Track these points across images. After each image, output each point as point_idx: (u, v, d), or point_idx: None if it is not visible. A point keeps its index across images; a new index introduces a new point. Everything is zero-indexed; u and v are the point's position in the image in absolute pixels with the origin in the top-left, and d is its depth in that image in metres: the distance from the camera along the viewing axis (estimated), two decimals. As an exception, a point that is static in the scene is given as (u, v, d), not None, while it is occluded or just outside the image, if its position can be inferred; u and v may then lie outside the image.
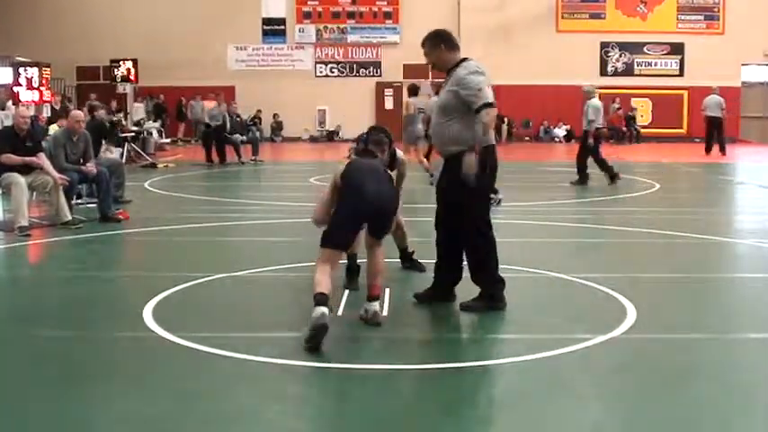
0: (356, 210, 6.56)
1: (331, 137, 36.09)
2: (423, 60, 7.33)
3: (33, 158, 11.65)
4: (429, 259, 8.75)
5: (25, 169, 11.61)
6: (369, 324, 6.59)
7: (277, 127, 36.54)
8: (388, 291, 7.56)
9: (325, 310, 5.99)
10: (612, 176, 17.76)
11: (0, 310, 7.49)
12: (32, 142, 11.91)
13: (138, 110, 31.58)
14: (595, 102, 17.83)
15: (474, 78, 6.81)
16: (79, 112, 13.84)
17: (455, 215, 7.00)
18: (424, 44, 7.16)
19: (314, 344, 5.87)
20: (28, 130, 11.94)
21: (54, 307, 7.46)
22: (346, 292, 7.59)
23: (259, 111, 35.74)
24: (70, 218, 11.67)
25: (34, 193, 12.17)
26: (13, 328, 6.69)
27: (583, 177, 17.92)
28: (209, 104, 31.92)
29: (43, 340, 6.32)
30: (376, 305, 6.69)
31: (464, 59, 6.99)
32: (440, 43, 7.08)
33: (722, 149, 27.26)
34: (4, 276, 9.15)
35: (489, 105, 6.73)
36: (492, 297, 7.08)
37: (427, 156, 17.91)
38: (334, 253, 6.49)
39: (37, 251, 10.54)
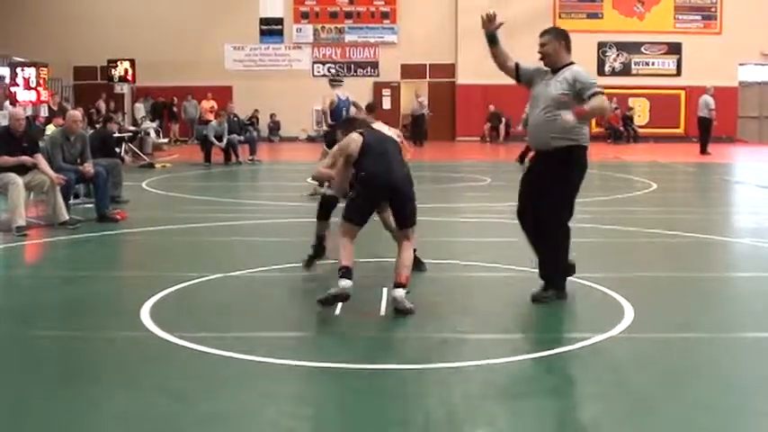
0: (377, 190, 7.08)
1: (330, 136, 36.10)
2: (420, 60, 7.51)
3: (27, 158, 11.60)
4: (428, 259, 8.77)
5: (22, 169, 11.59)
6: (398, 311, 6.87)
7: (274, 127, 36.53)
8: (385, 290, 7.56)
9: (350, 282, 6.80)
10: None
11: (1, 308, 7.50)
12: (29, 143, 11.89)
13: (138, 110, 31.57)
14: None
15: (589, 75, 7.26)
16: (76, 112, 13.82)
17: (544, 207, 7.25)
18: (545, 33, 7.47)
19: (328, 304, 6.82)
20: (24, 130, 11.92)
21: (51, 307, 7.45)
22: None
23: (256, 111, 35.73)
24: (67, 218, 11.66)
25: (31, 193, 12.16)
26: (11, 328, 6.68)
27: None
28: (206, 105, 31.97)
29: (41, 340, 6.31)
30: (399, 291, 6.95)
31: (572, 63, 7.32)
32: (562, 39, 7.39)
33: (703, 150, 27.41)
34: (1, 276, 9.14)
35: (603, 94, 7.08)
36: (560, 289, 7.35)
37: None
38: (354, 228, 7.05)
39: (34, 251, 10.53)
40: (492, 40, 7.70)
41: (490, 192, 16.83)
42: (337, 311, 6.98)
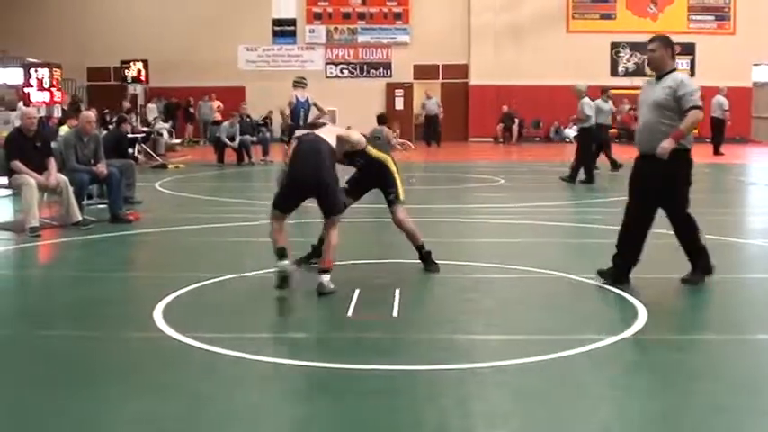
0: (295, 183, 7.88)
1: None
2: (433, 61, 7.70)
3: (41, 178, 11.57)
4: (441, 260, 8.77)
5: (36, 170, 11.62)
6: (319, 294, 7.50)
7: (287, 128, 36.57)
8: (398, 291, 7.57)
9: (286, 261, 7.51)
10: (572, 177, 18.19)
11: (11, 310, 7.52)
12: (42, 143, 11.94)
13: (150, 110, 31.63)
14: (588, 100, 18.14)
15: (692, 83, 7.76)
16: (90, 113, 13.88)
17: (650, 205, 7.87)
18: (653, 40, 7.94)
19: (282, 287, 7.47)
20: (37, 130, 11.97)
21: (64, 307, 7.47)
22: (356, 292, 7.58)
23: (270, 112, 35.75)
24: (81, 218, 11.71)
25: (45, 194, 12.21)
26: (24, 328, 6.71)
27: (589, 177, 18.05)
28: (212, 105, 31.99)
29: (53, 340, 6.33)
30: (323, 277, 7.59)
31: (675, 70, 7.85)
32: (669, 47, 7.87)
33: (716, 151, 27.34)
34: (15, 276, 9.18)
35: (699, 108, 7.64)
36: (705, 268, 8.00)
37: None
38: (279, 215, 7.86)
39: (47, 251, 10.57)
40: None
41: (503, 192, 16.81)
42: (349, 313, 6.99)
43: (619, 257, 8.02)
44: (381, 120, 18.20)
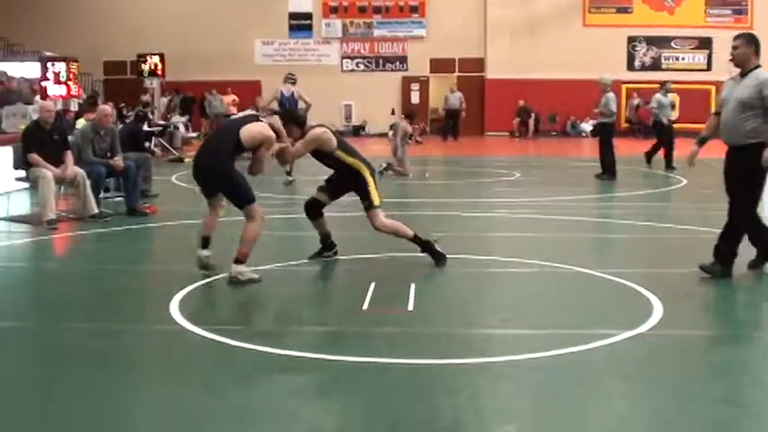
0: (193, 168, 8.34)
1: (357, 132, 36.05)
2: (449, 54, 7.70)
3: (57, 170, 11.63)
4: (455, 254, 8.76)
5: (53, 163, 11.66)
6: (228, 283, 7.80)
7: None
8: (413, 286, 7.57)
9: (205, 252, 8.21)
10: (608, 173, 17.75)
11: (28, 302, 7.56)
12: (59, 135, 11.98)
13: (162, 104, 31.64)
14: (612, 95, 17.92)
15: None
16: (107, 106, 13.88)
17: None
18: (738, 37, 8.20)
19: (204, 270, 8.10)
20: (54, 123, 12.02)
21: (82, 300, 7.51)
22: (372, 286, 7.59)
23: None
24: (97, 211, 11.77)
25: (62, 187, 12.25)
26: (42, 321, 6.74)
27: (611, 171, 17.90)
28: (227, 98, 32.00)
29: (71, 332, 6.37)
30: (235, 267, 7.83)
31: (759, 66, 8.02)
32: (753, 44, 8.07)
33: None
34: (33, 269, 9.22)
35: None
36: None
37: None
38: (208, 203, 8.46)
39: (64, 244, 10.62)
40: (703, 141, 8.62)
41: (520, 187, 16.78)
42: (365, 306, 6.99)
43: (721, 250, 8.19)
44: (408, 115, 19.28)
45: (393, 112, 30.73)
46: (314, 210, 8.97)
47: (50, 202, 11.31)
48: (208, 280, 7.94)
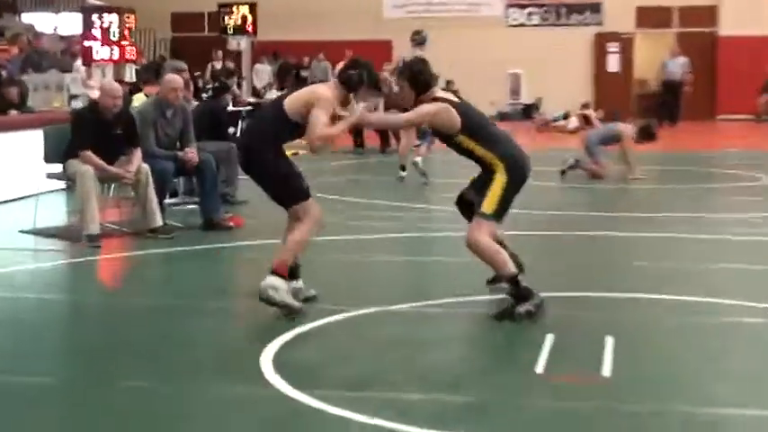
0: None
1: (528, 113, 35.96)
2: (664, 1, 7.45)
3: (120, 171, 11.86)
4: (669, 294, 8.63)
5: (110, 156, 11.91)
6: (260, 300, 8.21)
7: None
8: (610, 340, 7.49)
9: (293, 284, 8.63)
10: None
11: (64, 350, 7.75)
12: (124, 129, 12.07)
13: (260, 73, 32.10)
14: None
15: None
16: (176, 76, 13.76)
17: None
18: None
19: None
20: (120, 113, 12.14)
21: (138, 349, 7.65)
22: (549, 338, 7.53)
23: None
24: (161, 223, 12.00)
25: (112, 187, 12.50)
26: (86, 377, 6.89)
27: None
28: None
29: (125, 395, 6.48)
30: (269, 279, 8.22)
31: None
32: None
33: None
34: (69, 304, 9.42)
35: None
36: None
37: None
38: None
39: (112, 269, 10.86)
40: None
41: (765, 196, 16.45)
42: (539, 368, 6.94)
43: None
44: (614, 117, 20.24)
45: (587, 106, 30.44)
46: (467, 209, 9.05)
47: (92, 208, 11.54)
48: (315, 324, 8.00)
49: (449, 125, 8.56)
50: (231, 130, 18.73)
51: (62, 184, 13.08)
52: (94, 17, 24.80)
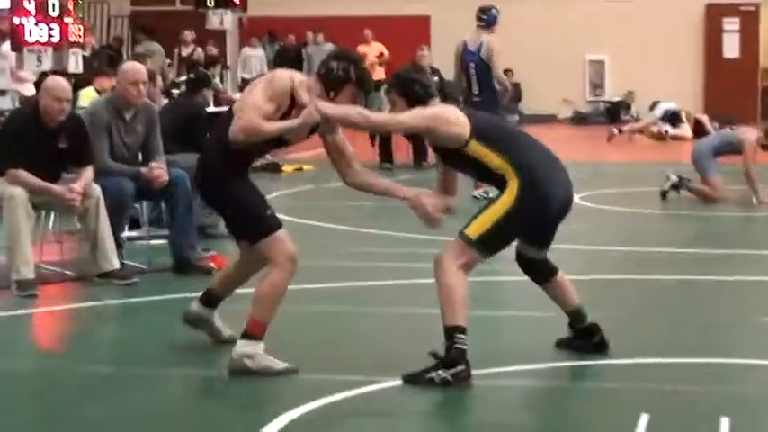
0: None
1: (615, 113, 35.95)
2: None
3: (60, 190, 11.71)
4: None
5: (50, 174, 11.85)
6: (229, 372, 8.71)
7: (512, 95, 36.68)
8: (726, 421, 7.51)
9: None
10: None
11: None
12: (70, 142, 12.03)
13: (250, 60, 32.16)
14: None
15: None
16: (137, 65, 13.77)
17: None
18: None
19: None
20: (66, 120, 12.02)
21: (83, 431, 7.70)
22: (644, 418, 7.56)
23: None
24: (117, 265, 12.04)
25: (51, 217, 12.53)
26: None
27: None
28: (367, 50, 32.33)
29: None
30: (240, 346, 8.73)
31: None
32: None
33: None
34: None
35: None
36: None
37: None
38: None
39: (51, 326, 10.91)
40: None
41: None
42: None
43: None
44: (729, 120, 19.64)
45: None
46: (529, 267, 9.27)
47: (25, 244, 11.57)
48: (319, 402, 8.02)
49: (456, 131, 8.69)
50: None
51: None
52: (27, -12, 24.91)
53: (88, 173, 12.00)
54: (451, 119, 8.69)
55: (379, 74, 31.66)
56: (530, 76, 36.09)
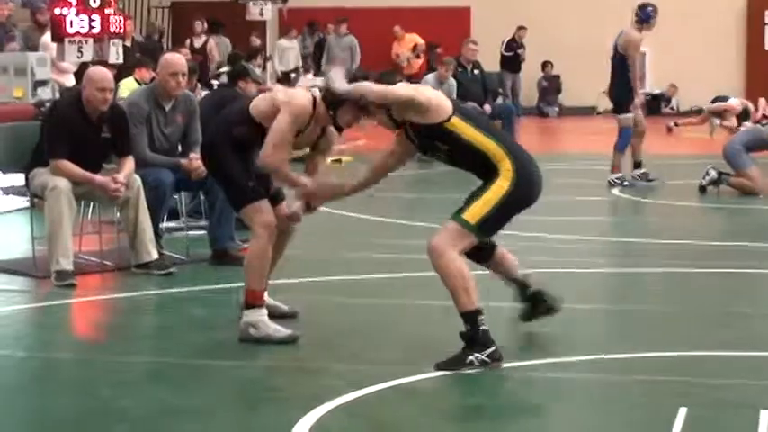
0: None
1: (656, 106, 35.80)
2: None
3: (107, 181, 11.68)
4: None
5: (88, 166, 11.81)
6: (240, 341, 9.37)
7: (550, 87, 36.57)
8: (765, 414, 7.46)
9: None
10: None
11: (25, 424, 7.76)
12: (113, 131, 12.05)
13: (285, 52, 32.10)
14: None
15: None
16: (177, 56, 13.71)
17: None
18: None
19: None
20: (106, 111, 12.00)
21: (123, 424, 7.68)
22: (682, 411, 7.52)
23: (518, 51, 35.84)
24: (155, 256, 12.07)
25: (92, 206, 12.55)
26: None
27: None
28: (401, 44, 32.19)
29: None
30: (244, 315, 9.38)
31: None
32: None
33: None
34: (32, 363, 9.42)
35: None
36: None
37: None
38: None
39: (89, 317, 10.90)
40: None
41: None
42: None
43: None
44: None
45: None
46: (479, 251, 9.50)
47: (65, 235, 11.59)
48: (357, 394, 8.00)
49: (435, 106, 8.88)
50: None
51: (23, 202, 13.05)
52: (67, -23, 24.89)
53: (129, 163, 11.99)
54: (432, 92, 9.23)
55: (413, 67, 31.60)
56: (569, 68, 36.00)
